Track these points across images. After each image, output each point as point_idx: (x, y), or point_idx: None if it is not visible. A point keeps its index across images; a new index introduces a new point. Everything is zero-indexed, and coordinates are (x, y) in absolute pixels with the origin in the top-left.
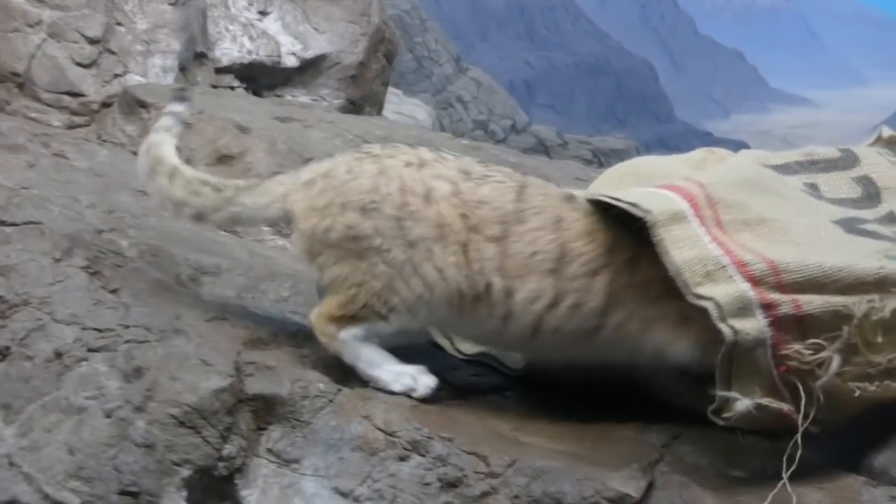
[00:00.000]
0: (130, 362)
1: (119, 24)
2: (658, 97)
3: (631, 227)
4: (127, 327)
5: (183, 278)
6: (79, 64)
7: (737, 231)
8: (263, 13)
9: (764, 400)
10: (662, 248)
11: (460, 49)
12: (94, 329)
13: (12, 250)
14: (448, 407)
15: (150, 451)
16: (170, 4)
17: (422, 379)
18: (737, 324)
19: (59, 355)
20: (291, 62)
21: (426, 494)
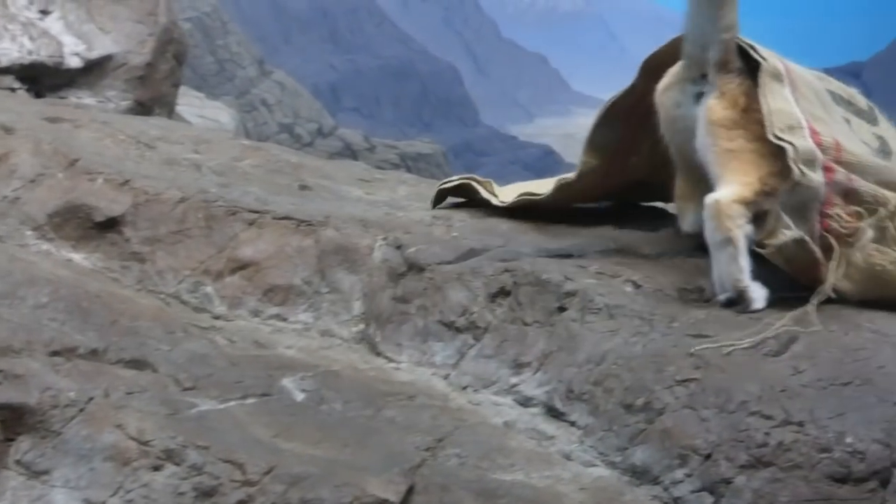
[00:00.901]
0: None
1: None
2: (463, 101)
3: None
4: None
5: None
6: None
7: (812, 119)
8: (45, 12)
9: (807, 237)
10: (762, 92)
11: (263, 51)
12: None
13: None
14: (206, 414)
15: None
16: None
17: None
18: (804, 169)
19: None
20: (75, 63)
21: None
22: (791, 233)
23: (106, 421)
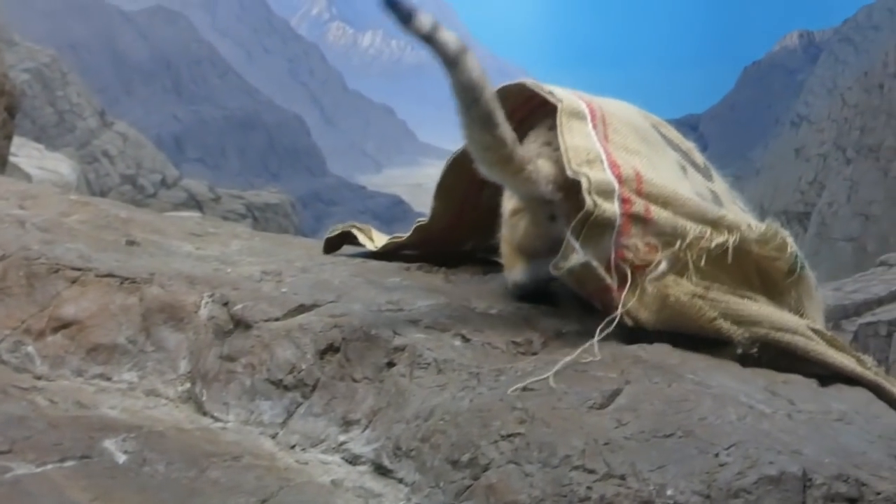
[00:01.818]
0: None
1: None
2: (310, 151)
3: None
4: None
5: None
6: None
7: (616, 149)
8: None
9: (594, 262)
10: (560, 131)
11: (105, 102)
12: None
13: None
14: (21, 478)
15: None
16: None
17: None
18: (598, 200)
19: None
20: None
21: None
22: (578, 257)
23: None
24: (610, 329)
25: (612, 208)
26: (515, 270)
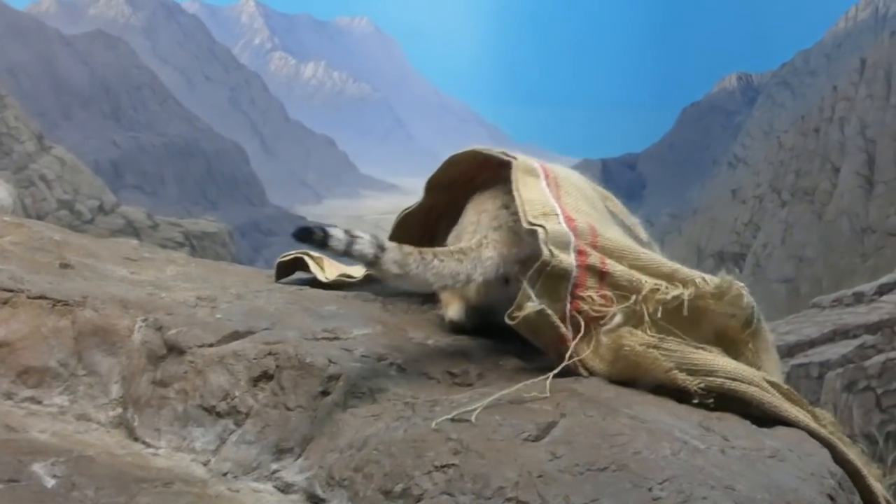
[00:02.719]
0: None
1: None
2: (250, 180)
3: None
4: None
5: None
6: None
7: (569, 207)
8: None
9: (549, 310)
10: (515, 186)
11: (43, 126)
12: None
13: None
14: None
15: None
16: None
17: None
18: (555, 251)
19: None
20: None
21: None
22: (532, 305)
23: None
24: (556, 370)
25: (569, 259)
26: (452, 308)
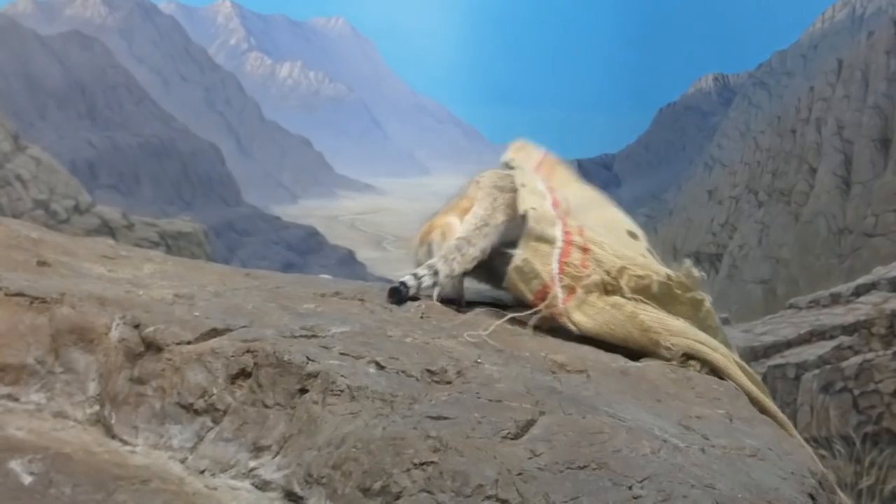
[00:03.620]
0: None
1: None
2: (225, 180)
3: None
4: None
5: None
6: None
7: (567, 214)
8: None
9: (536, 262)
10: (518, 181)
11: (18, 126)
12: None
13: None
14: None
15: None
16: None
17: None
18: (544, 225)
19: None
20: None
21: None
22: (521, 254)
23: None
24: (544, 313)
25: (556, 232)
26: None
